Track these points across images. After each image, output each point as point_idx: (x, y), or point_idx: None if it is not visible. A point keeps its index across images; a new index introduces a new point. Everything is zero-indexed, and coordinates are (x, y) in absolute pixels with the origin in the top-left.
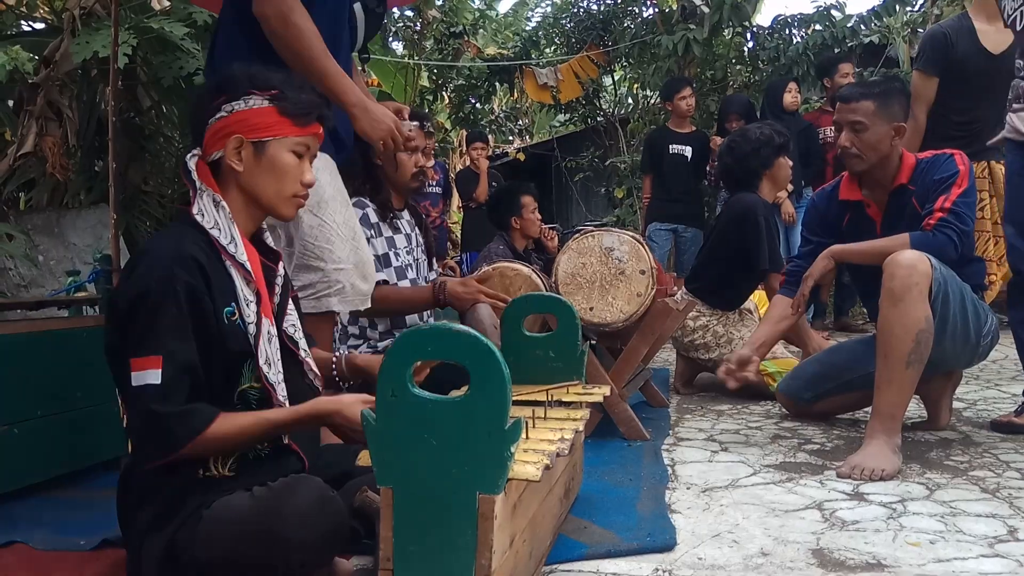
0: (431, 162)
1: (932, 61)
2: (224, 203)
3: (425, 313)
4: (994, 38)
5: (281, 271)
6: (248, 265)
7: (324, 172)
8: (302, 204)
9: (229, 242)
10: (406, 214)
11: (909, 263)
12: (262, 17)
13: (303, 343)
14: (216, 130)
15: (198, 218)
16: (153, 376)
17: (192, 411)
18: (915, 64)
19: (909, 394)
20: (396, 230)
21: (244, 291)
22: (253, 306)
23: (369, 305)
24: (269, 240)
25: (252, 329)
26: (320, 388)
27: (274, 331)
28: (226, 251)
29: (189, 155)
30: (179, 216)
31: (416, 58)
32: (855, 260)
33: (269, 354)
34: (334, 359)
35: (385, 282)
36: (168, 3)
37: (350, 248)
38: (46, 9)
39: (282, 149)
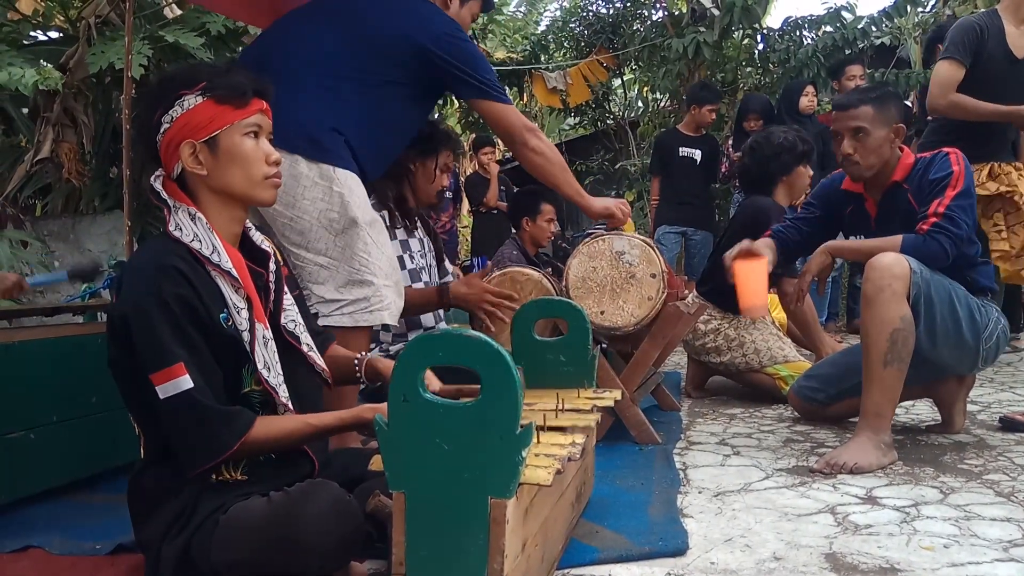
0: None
1: (965, 50)
2: (200, 215)
3: (434, 318)
4: (1020, 41)
5: (272, 268)
6: (234, 272)
7: (365, 195)
8: (278, 184)
9: (211, 252)
10: (418, 220)
11: (883, 265)
12: (525, 143)
13: (305, 337)
14: (166, 144)
15: (176, 234)
16: (184, 382)
17: (234, 413)
18: (944, 53)
19: (893, 394)
20: (411, 234)
21: (233, 298)
22: (244, 312)
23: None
24: (257, 238)
25: (246, 336)
26: (330, 381)
27: (269, 335)
28: (209, 261)
29: (153, 177)
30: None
31: None
32: (849, 257)
33: (267, 358)
34: (356, 359)
35: None
36: (181, 11)
37: (391, 267)
38: (61, 18)
39: (235, 136)
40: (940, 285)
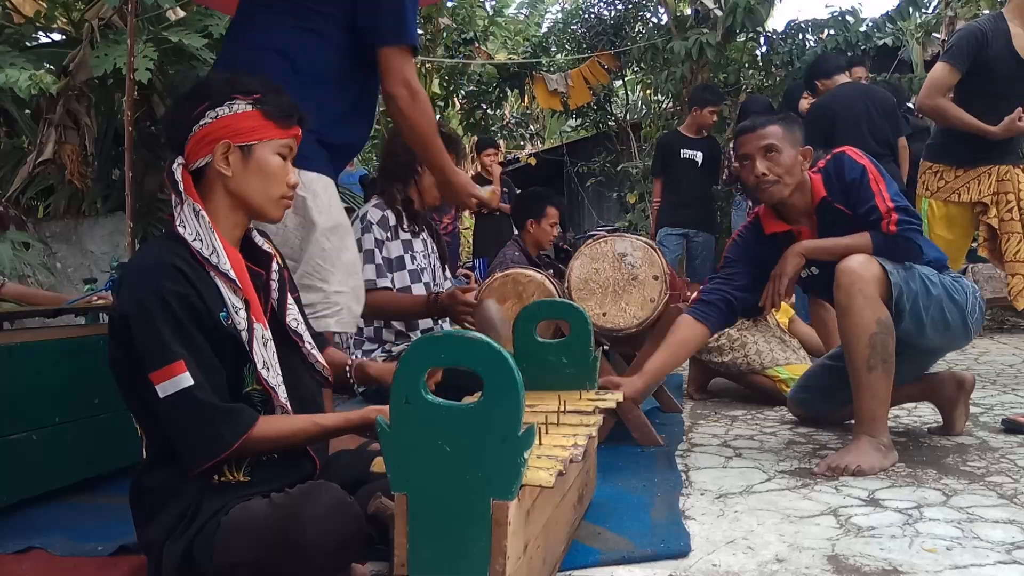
0: None
1: (964, 56)
2: (204, 213)
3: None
4: None
5: (275, 268)
6: (232, 274)
7: (336, 197)
8: (289, 205)
9: (211, 253)
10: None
11: (852, 270)
12: (394, 96)
13: (307, 336)
14: (201, 137)
15: (180, 230)
16: (184, 379)
17: (235, 410)
18: (943, 56)
19: (883, 395)
20: (415, 235)
21: (232, 299)
22: (243, 312)
23: (359, 325)
24: (259, 241)
25: (245, 335)
26: (330, 379)
27: (268, 335)
28: (208, 262)
29: (175, 164)
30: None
31: (428, 66)
32: (822, 257)
33: (266, 358)
34: (348, 364)
35: (387, 288)
36: (184, 13)
37: (349, 273)
38: (64, 20)
39: (268, 152)
40: (914, 276)
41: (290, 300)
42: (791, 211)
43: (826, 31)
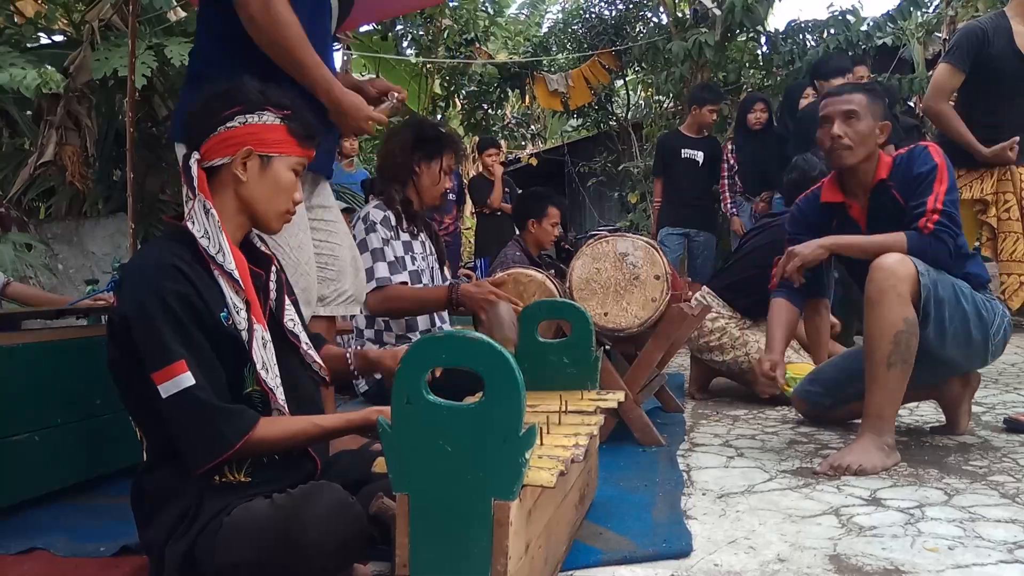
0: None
1: (965, 56)
2: (214, 211)
3: (438, 320)
4: None
5: (273, 269)
6: (236, 274)
7: None
8: (289, 220)
9: (217, 251)
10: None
11: (887, 266)
12: (242, 4)
13: (304, 336)
14: (225, 138)
15: (189, 224)
16: (185, 379)
17: (236, 411)
18: (945, 56)
19: (896, 394)
20: (414, 235)
21: (233, 299)
22: (243, 312)
23: (360, 326)
24: (258, 243)
25: (245, 336)
26: (327, 379)
27: (268, 336)
28: (214, 261)
29: (192, 158)
30: (169, 228)
31: (429, 67)
32: (850, 253)
33: (265, 359)
34: (348, 354)
35: (403, 283)
36: (184, 13)
37: (298, 274)
38: (65, 21)
39: (284, 166)
40: (946, 285)
41: (287, 301)
42: (852, 182)
43: (827, 31)
